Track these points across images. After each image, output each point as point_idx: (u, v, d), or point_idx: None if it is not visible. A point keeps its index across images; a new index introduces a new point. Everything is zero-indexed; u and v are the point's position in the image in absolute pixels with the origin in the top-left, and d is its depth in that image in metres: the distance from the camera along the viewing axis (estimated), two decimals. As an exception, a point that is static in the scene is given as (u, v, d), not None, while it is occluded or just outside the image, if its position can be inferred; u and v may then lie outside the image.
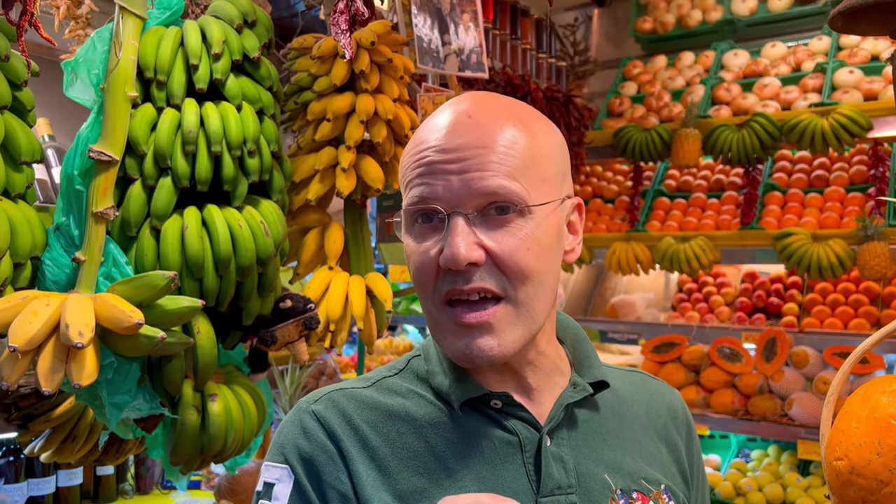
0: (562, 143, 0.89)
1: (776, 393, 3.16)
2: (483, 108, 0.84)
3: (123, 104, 1.27)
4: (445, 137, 0.82)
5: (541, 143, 0.85)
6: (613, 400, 0.97)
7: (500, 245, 0.80)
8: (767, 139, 3.17)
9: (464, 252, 0.78)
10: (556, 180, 0.85)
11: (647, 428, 0.98)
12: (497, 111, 0.84)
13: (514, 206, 0.81)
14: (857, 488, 0.69)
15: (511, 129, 0.83)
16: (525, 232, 0.81)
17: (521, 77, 3.03)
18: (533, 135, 0.84)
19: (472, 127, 0.82)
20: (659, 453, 0.96)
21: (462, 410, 0.89)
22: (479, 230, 0.81)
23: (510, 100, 0.88)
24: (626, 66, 4.06)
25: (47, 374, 1.12)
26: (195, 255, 1.30)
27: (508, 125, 0.83)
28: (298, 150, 1.66)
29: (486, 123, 0.82)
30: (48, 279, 1.28)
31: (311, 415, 0.89)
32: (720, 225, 3.41)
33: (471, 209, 0.80)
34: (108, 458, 1.68)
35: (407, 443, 0.86)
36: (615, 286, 4.19)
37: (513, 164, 0.81)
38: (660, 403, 1.02)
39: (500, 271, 0.81)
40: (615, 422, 0.95)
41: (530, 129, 0.85)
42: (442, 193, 0.81)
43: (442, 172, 0.81)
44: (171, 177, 1.32)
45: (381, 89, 1.63)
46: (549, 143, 0.86)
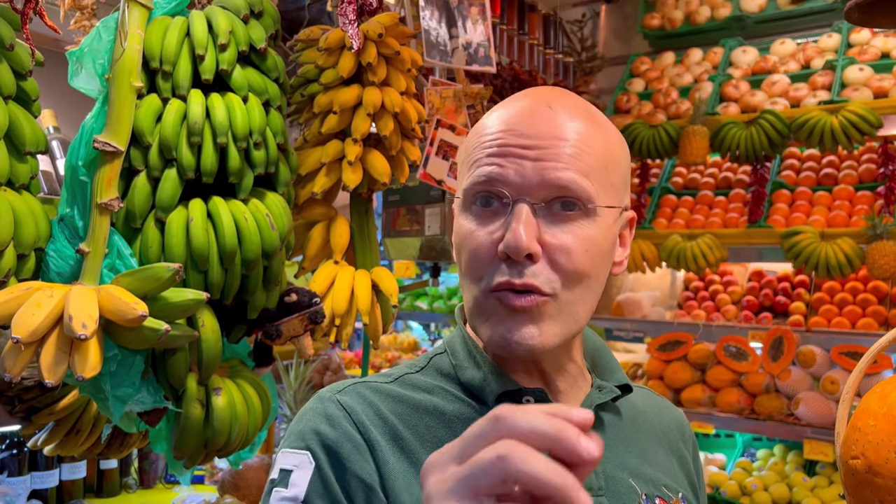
0: (628, 154, 0.88)
1: (782, 392, 3.14)
2: (563, 102, 0.83)
3: (129, 95, 1.26)
4: (524, 123, 0.80)
5: (614, 148, 0.83)
6: (630, 409, 0.97)
7: (560, 241, 0.78)
8: (776, 137, 3.14)
9: (525, 241, 0.76)
10: (621, 188, 0.84)
11: (660, 440, 0.98)
12: (576, 107, 0.83)
13: (582, 204, 0.79)
14: (874, 488, 0.68)
15: (589, 128, 0.81)
16: (587, 233, 0.79)
17: (529, 72, 3.01)
18: (607, 138, 0.83)
19: (552, 117, 0.80)
20: (671, 465, 0.96)
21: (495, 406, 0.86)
22: (542, 223, 0.78)
23: (586, 101, 0.87)
24: (633, 62, 4.03)
25: (50, 366, 1.11)
26: (200, 247, 1.29)
27: (587, 123, 0.81)
28: (304, 143, 1.65)
29: (566, 117, 0.80)
30: (52, 271, 1.27)
31: (336, 403, 0.84)
32: (727, 223, 3.39)
33: (538, 199, 0.78)
34: (112, 452, 1.67)
35: (437, 436, 0.83)
36: (621, 284, 4.17)
37: (588, 161, 0.79)
38: (669, 418, 1.03)
39: (552, 269, 0.79)
40: (633, 430, 0.95)
41: (606, 132, 0.84)
42: (512, 178, 0.78)
43: (516, 157, 0.79)
44: (177, 168, 1.30)
45: (389, 82, 1.62)
46: (620, 151, 0.85)
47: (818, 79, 3.32)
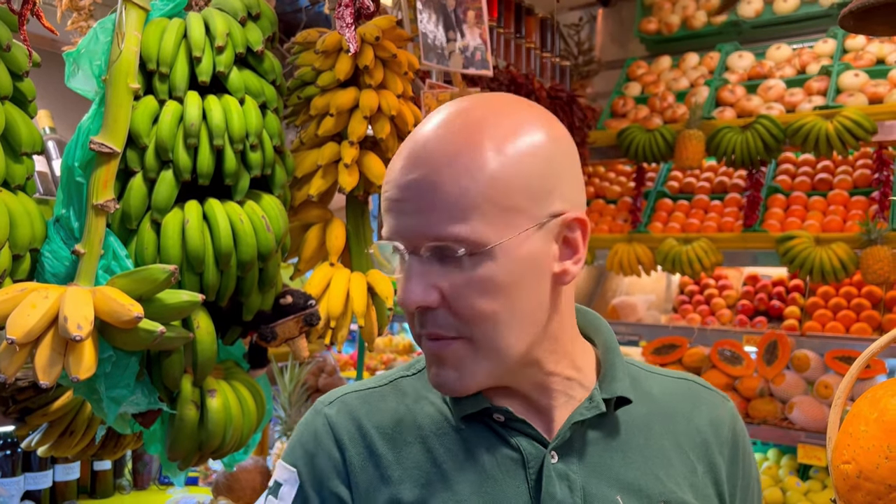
0: (549, 155, 0.77)
1: (777, 396, 3.15)
2: (445, 132, 0.76)
3: (125, 96, 1.26)
4: (401, 171, 0.77)
5: (508, 167, 0.74)
6: (646, 412, 0.90)
7: (454, 288, 0.76)
8: (771, 141, 3.16)
9: (413, 297, 0.76)
10: (529, 204, 0.75)
11: (682, 444, 0.90)
12: (460, 134, 0.75)
13: (469, 249, 0.74)
14: (865, 492, 0.68)
15: (469, 163, 0.74)
16: (481, 273, 0.75)
17: (525, 76, 3.01)
18: (498, 158, 0.74)
19: (426, 160, 0.75)
20: (691, 472, 0.88)
21: (466, 423, 0.86)
22: (437, 270, 0.76)
23: (487, 110, 0.78)
24: (630, 66, 4.04)
25: (45, 367, 1.11)
26: (196, 249, 1.29)
27: (467, 154, 0.74)
28: (301, 146, 1.65)
29: (442, 154, 0.75)
30: (47, 271, 1.27)
31: (324, 418, 0.89)
32: (723, 227, 3.40)
33: (426, 250, 0.76)
34: (106, 453, 1.67)
35: (412, 452, 0.85)
36: (616, 287, 4.18)
37: (464, 203, 0.73)
38: (703, 417, 0.93)
39: (453, 315, 0.77)
40: (642, 437, 0.88)
41: (499, 150, 0.75)
42: (402, 231, 0.77)
43: (398, 211, 0.77)
44: (173, 170, 1.30)
45: (385, 85, 1.62)
46: (522, 163, 0.75)
47: (814, 84, 3.33)
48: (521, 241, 0.75)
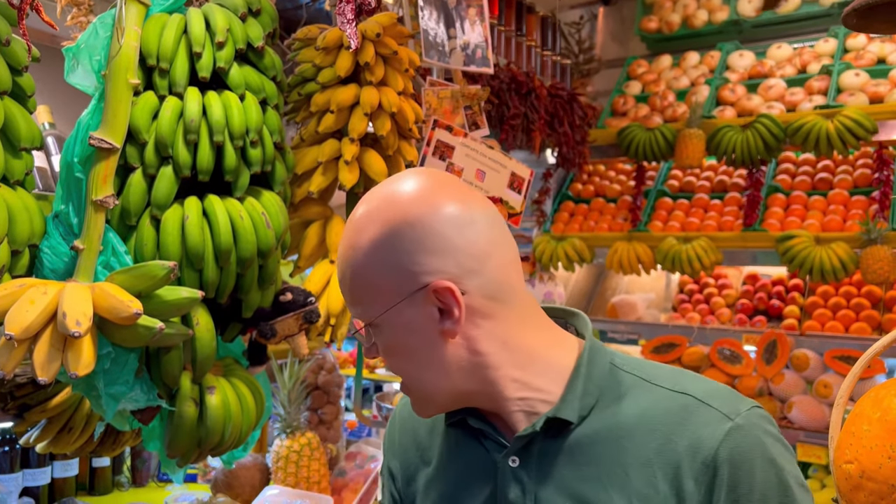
0: (412, 242, 0.87)
1: (776, 395, 3.15)
2: (343, 244, 0.94)
3: (125, 91, 1.25)
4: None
5: (362, 258, 0.90)
6: (617, 428, 0.91)
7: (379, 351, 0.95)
8: (772, 141, 3.15)
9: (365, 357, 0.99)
10: (388, 284, 0.89)
11: (651, 462, 0.88)
12: (347, 238, 0.93)
13: (366, 325, 0.93)
14: (868, 492, 0.68)
15: (348, 258, 0.92)
16: (380, 341, 0.93)
17: (526, 74, 3.01)
18: (356, 253, 0.90)
19: (337, 267, 0.96)
20: (651, 492, 0.87)
21: (453, 427, 1.01)
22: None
23: (367, 213, 0.91)
24: (630, 65, 4.04)
25: (44, 363, 1.11)
26: (195, 245, 1.28)
27: (349, 252, 0.92)
28: (301, 142, 1.65)
29: (340, 264, 0.94)
30: (46, 267, 1.27)
31: (392, 425, 1.15)
32: (722, 226, 3.40)
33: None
34: (105, 450, 1.67)
35: (432, 444, 1.05)
36: (616, 286, 4.18)
37: (351, 292, 0.93)
38: (684, 437, 0.88)
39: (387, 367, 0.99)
40: (606, 451, 0.90)
41: (358, 244, 0.90)
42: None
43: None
44: (173, 166, 1.30)
45: (386, 82, 1.62)
46: (372, 252, 0.89)
47: (814, 83, 3.33)
48: (395, 313, 0.89)
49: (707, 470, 0.86)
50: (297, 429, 1.88)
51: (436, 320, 0.89)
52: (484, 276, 0.89)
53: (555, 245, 3.61)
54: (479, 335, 0.90)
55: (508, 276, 0.91)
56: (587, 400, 0.92)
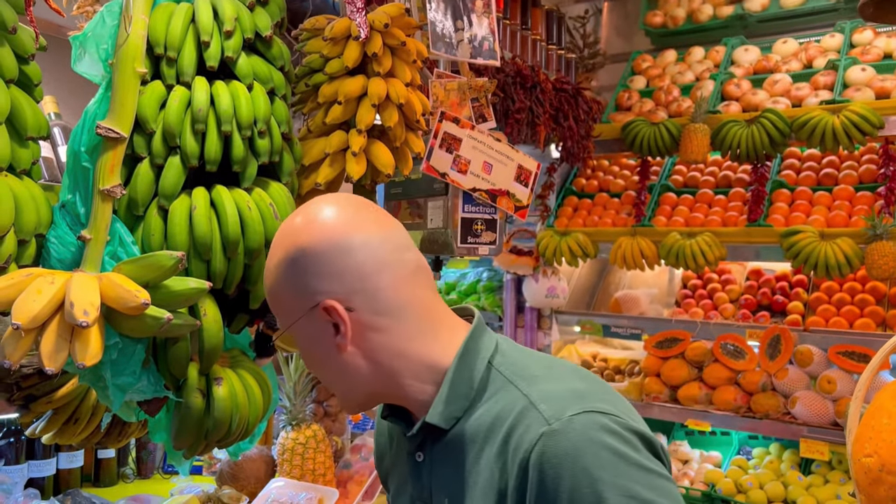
0: (307, 264, 0.99)
1: (779, 391, 3.15)
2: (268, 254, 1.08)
3: (132, 80, 1.24)
4: None
5: (271, 279, 1.04)
6: (480, 428, 0.98)
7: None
8: (777, 136, 3.14)
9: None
10: (290, 302, 1.02)
11: (493, 465, 0.95)
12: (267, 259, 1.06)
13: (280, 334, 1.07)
14: (889, 486, 0.67)
15: (264, 277, 1.07)
16: (298, 348, 1.07)
17: (531, 68, 3.00)
18: (268, 274, 1.04)
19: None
20: (493, 494, 0.94)
21: (385, 419, 1.13)
22: None
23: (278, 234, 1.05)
24: (635, 59, 4.02)
25: (51, 353, 1.10)
26: (203, 235, 1.28)
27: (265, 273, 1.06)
28: (308, 134, 1.64)
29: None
30: (53, 257, 1.26)
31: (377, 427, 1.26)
32: (727, 221, 3.38)
33: None
34: (111, 441, 1.66)
35: (388, 438, 1.21)
36: (619, 281, 4.17)
37: (270, 305, 1.07)
38: (512, 441, 0.94)
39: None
40: (470, 452, 0.98)
41: (269, 267, 1.04)
42: None
43: None
44: (180, 156, 1.29)
45: (394, 73, 1.61)
46: (277, 274, 1.02)
47: (820, 78, 3.31)
48: (299, 327, 1.02)
49: (522, 473, 0.90)
50: (303, 421, 1.88)
51: (332, 335, 1.00)
52: (371, 294, 0.98)
53: (558, 240, 3.60)
54: (372, 347, 1.00)
55: (399, 293, 1.00)
56: (454, 405, 0.99)
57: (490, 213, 1.93)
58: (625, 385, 3.50)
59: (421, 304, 1.02)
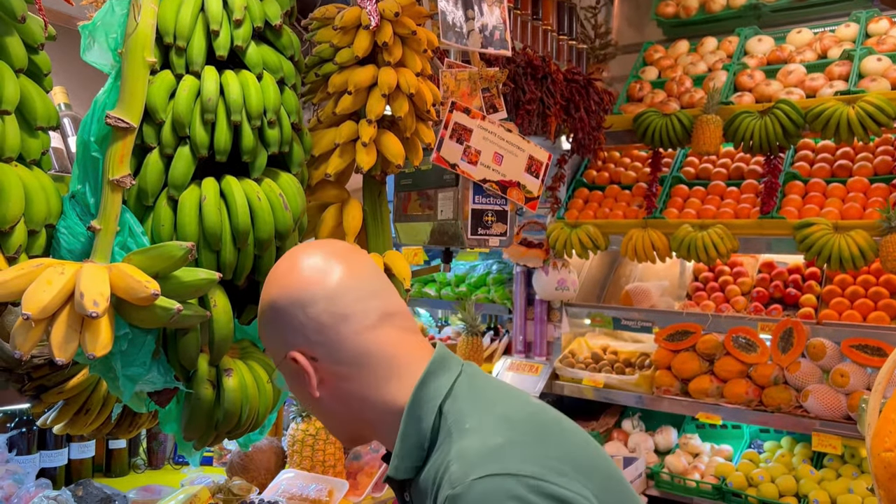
0: (276, 317, 1.05)
1: (791, 384, 3.12)
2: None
3: (141, 70, 1.24)
4: None
5: (263, 328, 1.10)
6: (425, 479, 0.98)
7: None
8: (791, 127, 3.10)
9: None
10: (270, 348, 1.10)
11: None
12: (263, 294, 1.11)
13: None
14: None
15: (260, 311, 1.11)
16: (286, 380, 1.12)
17: (542, 58, 2.97)
18: (262, 314, 1.09)
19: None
20: None
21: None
22: None
23: (268, 283, 1.10)
24: (647, 50, 3.99)
25: (61, 344, 1.10)
26: (213, 226, 1.27)
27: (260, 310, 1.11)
28: (318, 124, 1.63)
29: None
30: (63, 248, 1.26)
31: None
32: (739, 213, 3.36)
33: None
34: (121, 432, 1.67)
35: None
36: (630, 273, 4.15)
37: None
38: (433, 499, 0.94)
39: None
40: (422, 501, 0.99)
41: (263, 309, 1.09)
42: None
43: None
44: (190, 146, 1.29)
45: (404, 63, 1.59)
46: (260, 324, 1.10)
47: (835, 69, 3.27)
48: (281, 371, 1.10)
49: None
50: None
51: (306, 382, 1.04)
52: (332, 345, 1.02)
53: (569, 232, 3.59)
54: (341, 394, 1.04)
55: (362, 342, 1.03)
56: (409, 458, 1.00)
57: (501, 205, 1.91)
58: (635, 378, 3.48)
59: (387, 351, 1.03)
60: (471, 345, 3.78)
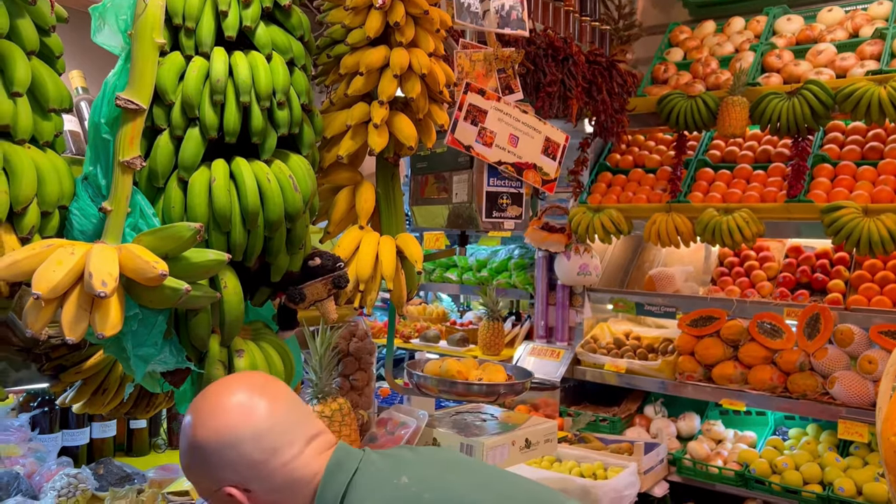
0: (207, 456, 1.11)
1: (818, 371, 3.07)
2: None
3: (151, 51, 1.24)
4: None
5: (183, 458, 1.14)
6: None
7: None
8: (820, 108, 3.03)
9: None
10: (200, 482, 1.14)
11: None
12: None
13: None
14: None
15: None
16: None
17: (564, 40, 2.93)
18: (181, 452, 1.14)
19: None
20: None
21: None
22: None
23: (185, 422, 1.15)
24: (672, 31, 3.91)
25: (71, 323, 1.11)
26: (222, 207, 1.27)
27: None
28: (330, 106, 1.62)
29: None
30: (76, 229, 1.27)
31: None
32: (765, 197, 3.29)
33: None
34: (139, 412, 1.69)
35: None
36: (653, 258, 4.10)
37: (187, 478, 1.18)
38: None
39: None
40: None
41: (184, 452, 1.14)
42: None
43: None
44: (199, 127, 1.29)
45: (416, 43, 1.58)
46: (185, 458, 1.14)
47: (867, 48, 3.18)
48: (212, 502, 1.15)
49: None
50: (329, 394, 1.89)
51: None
52: (265, 477, 1.10)
53: (591, 216, 3.55)
54: None
55: (291, 472, 1.11)
56: None
57: (516, 187, 1.89)
58: (658, 364, 3.45)
59: (313, 470, 1.13)
60: (492, 330, 3.78)
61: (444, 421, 2.10)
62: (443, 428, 2.02)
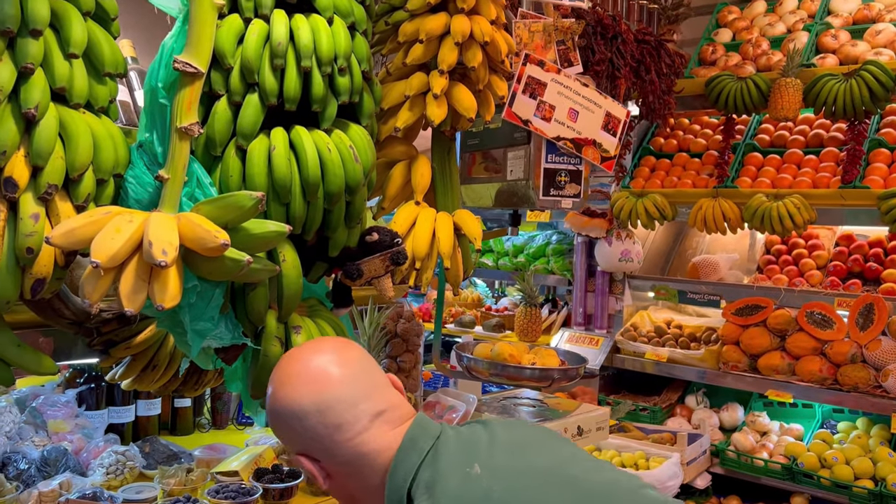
0: (272, 417, 1.14)
1: (870, 363, 2.97)
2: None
3: (210, 13, 1.19)
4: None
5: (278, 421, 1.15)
6: None
7: None
8: (879, 90, 2.91)
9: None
10: (287, 442, 1.17)
11: None
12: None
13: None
14: None
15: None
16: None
17: (612, 17, 2.84)
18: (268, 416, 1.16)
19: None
20: None
21: None
22: None
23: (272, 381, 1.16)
24: (720, 11, 3.80)
25: (129, 294, 1.07)
26: (282, 177, 1.22)
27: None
28: (387, 76, 1.57)
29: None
30: (131, 198, 1.23)
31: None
32: (817, 183, 3.18)
33: None
34: (187, 390, 1.65)
35: None
36: (696, 245, 4.00)
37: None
38: None
39: None
40: None
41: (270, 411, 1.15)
42: None
43: None
44: (259, 93, 1.23)
45: (478, 10, 1.51)
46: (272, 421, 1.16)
47: (929, 27, 3.05)
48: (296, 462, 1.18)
49: None
50: (375, 377, 1.84)
51: (315, 477, 1.14)
52: (328, 450, 1.11)
53: (634, 201, 3.46)
54: (347, 487, 1.14)
55: (355, 447, 1.10)
56: None
57: (575, 164, 1.82)
58: (700, 353, 3.36)
59: (380, 447, 1.11)
60: (528, 316, 3.71)
61: (492, 406, 2.05)
62: (491, 413, 1.97)
